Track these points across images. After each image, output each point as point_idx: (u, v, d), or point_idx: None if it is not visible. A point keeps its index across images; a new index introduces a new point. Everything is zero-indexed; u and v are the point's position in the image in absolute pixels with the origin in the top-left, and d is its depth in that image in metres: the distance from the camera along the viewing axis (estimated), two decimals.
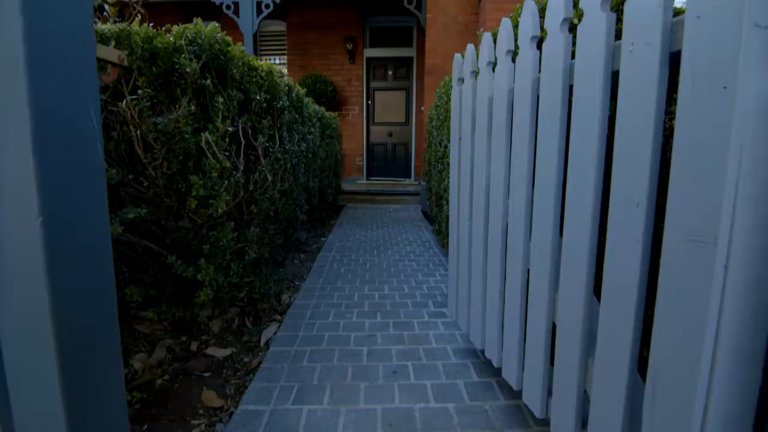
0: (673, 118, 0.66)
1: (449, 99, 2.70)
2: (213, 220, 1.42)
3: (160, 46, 1.38)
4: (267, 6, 5.69)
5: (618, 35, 0.82)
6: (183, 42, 1.35)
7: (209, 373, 1.47)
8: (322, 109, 4.06)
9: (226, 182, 1.42)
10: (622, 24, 0.76)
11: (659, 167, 0.71)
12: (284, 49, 7.52)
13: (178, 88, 1.39)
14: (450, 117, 2.21)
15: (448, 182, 2.45)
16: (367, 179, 7.56)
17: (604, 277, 0.80)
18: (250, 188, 1.71)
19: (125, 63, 0.89)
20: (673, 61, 0.70)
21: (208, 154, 1.34)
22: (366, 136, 7.49)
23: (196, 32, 1.38)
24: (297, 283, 2.45)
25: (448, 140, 2.72)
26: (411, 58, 7.23)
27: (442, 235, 3.26)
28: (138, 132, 1.26)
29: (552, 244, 0.99)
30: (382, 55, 7.28)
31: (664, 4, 0.68)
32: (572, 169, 0.89)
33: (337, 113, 6.95)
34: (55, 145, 0.56)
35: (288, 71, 7.39)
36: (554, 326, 1.02)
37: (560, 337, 0.96)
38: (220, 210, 1.32)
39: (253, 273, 1.82)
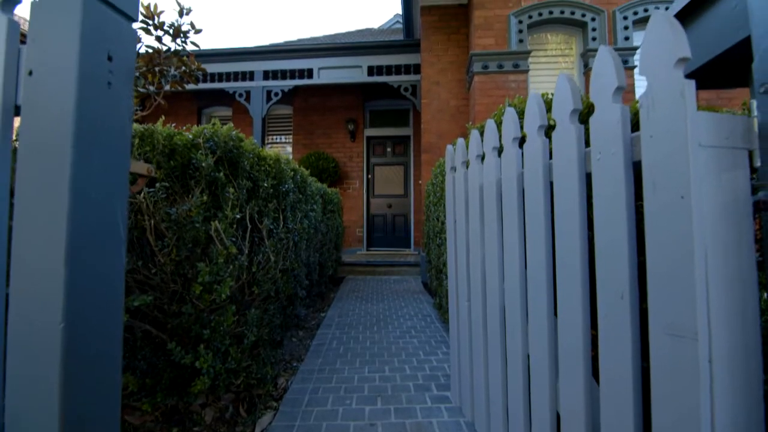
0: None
1: (444, 178, 2.86)
2: (215, 305, 1.44)
3: (179, 143, 1.52)
4: (276, 94, 6.25)
5: (588, 140, 0.93)
6: (201, 140, 1.49)
7: None
8: (324, 186, 4.26)
9: (231, 267, 1.47)
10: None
11: (637, 262, 0.77)
12: (290, 130, 8.08)
13: (192, 180, 1.50)
14: (445, 196, 2.33)
15: (447, 257, 2.50)
16: (368, 250, 7.62)
17: (600, 369, 0.81)
18: (253, 270, 1.76)
19: (153, 174, 0.99)
20: (637, 168, 0.79)
21: (216, 241, 1.41)
22: (366, 207, 7.72)
23: (214, 132, 1.54)
24: (295, 365, 2.37)
25: (445, 216, 2.83)
26: (408, 137, 7.74)
27: (443, 309, 3.22)
28: (152, 221, 1.34)
29: (548, 332, 1.01)
30: (381, 134, 7.81)
31: (623, 122, 0.79)
32: (560, 259, 0.95)
33: (338, 187, 7.24)
34: (85, 254, 0.62)
35: (293, 149, 7.86)
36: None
37: (564, 430, 0.93)
38: (223, 295, 1.35)
39: (250, 357, 1.79)
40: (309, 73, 6.30)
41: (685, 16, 1.18)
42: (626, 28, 4.98)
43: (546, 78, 5.28)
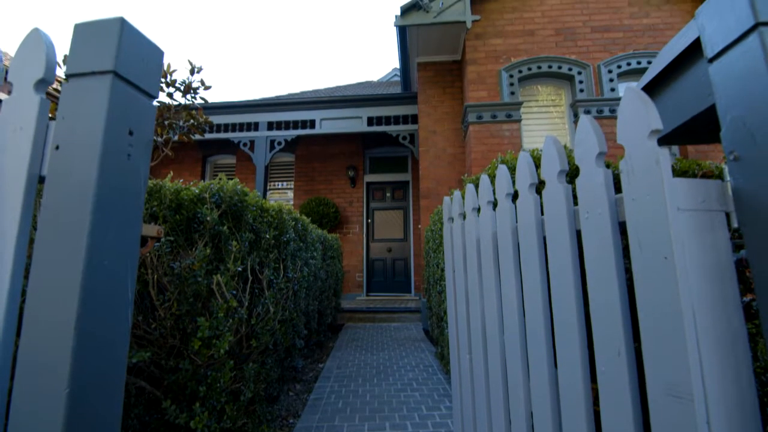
0: None
1: (443, 225, 2.91)
2: (213, 360, 1.43)
3: (185, 198, 1.58)
4: (279, 143, 6.48)
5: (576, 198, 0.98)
6: (207, 195, 1.55)
7: None
8: (324, 232, 4.31)
9: (231, 320, 1.47)
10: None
11: (630, 318, 0.78)
12: (292, 176, 8.28)
13: (196, 233, 1.54)
14: (444, 245, 2.36)
15: (447, 306, 2.48)
16: (367, 295, 7.52)
17: (602, 425, 0.80)
18: (252, 322, 1.75)
19: (162, 235, 1.04)
20: (623, 227, 0.83)
21: (217, 295, 1.42)
22: (366, 252, 7.72)
23: (220, 187, 1.61)
24: (291, 421, 2.27)
25: (445, 263, 2.84)
26: (407, 182, 7.92)
27: (445, 360, 3.14)
28: (155, 276, 1.36)
29: (550, 389, 1.00)
30: (381, 180, 8.00)
31: (606, 184, 0.84)
32: (557, 314, 0.96)
33: (338, 232, 7.29)
34: (94, 320, 0.64)
35: (294, 195, 8.01)
36: None
37: None
38: (222, 350, 1.34)
39: (246, 414, 1.72)
40: (311, 123, 6.57)
41: (657, 83, 1.29)
42: (611, 80, 5.28)
43: (538, 126, 5.52)
